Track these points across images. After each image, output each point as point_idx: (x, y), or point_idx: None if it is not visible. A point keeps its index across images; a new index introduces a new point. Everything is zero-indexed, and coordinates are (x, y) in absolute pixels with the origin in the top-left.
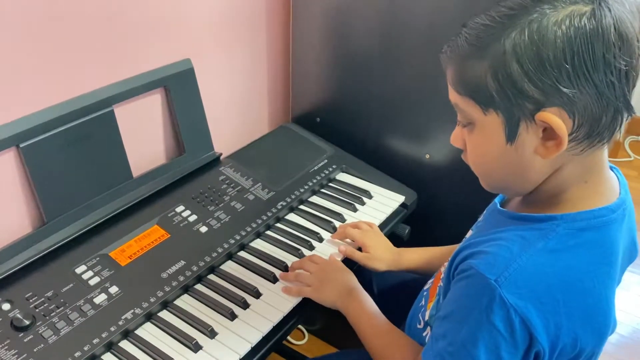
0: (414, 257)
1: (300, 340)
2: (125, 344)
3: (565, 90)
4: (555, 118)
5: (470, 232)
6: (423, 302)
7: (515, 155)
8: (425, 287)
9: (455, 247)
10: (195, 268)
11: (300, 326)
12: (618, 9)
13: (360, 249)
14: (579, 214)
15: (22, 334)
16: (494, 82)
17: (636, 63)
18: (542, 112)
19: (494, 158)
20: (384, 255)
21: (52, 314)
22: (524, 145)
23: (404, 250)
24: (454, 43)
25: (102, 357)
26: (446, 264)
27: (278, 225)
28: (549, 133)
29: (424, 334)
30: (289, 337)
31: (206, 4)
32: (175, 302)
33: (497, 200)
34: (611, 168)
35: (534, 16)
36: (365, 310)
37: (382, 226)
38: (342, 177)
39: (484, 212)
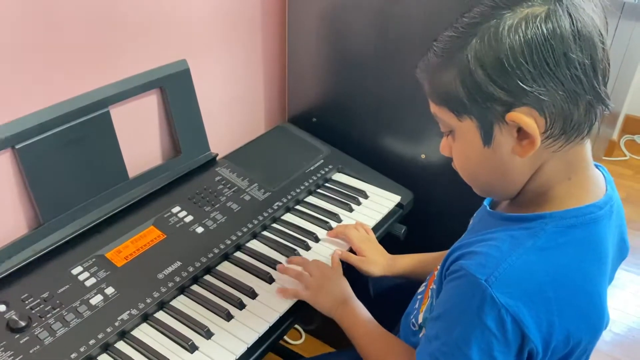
0: (408, 262)
1: (297, 340)
2: (121, 345)
3: (529, 89)
4: (524, 117)
5: (461, 238)
6: (417, 305)
7: (495, 157)
8: (419, 291)
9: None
10: (191, 269)
11: (296, 326)
12: (573, 6)
13: (354, 254)
14: (567, 212)
15: (18, 335)
16: (463, 89)
17: (602, 55)
18: (511, 113)
19: (476, 162)
20: (379, 260)
21: (48, 315)
22: (501, 147)
23: (398, 256)
24: (425, 58)
25: (99, 358)
26: (438, 267)
27: (274, 225)
28: (523, 132)
29: (419, 336)
30: (285, 337)
31: (202, 4)
32: (171, 303)
33: (486, 202)
34: (596, 166)
35: (492, 22)
36: (359, 318)
37: (378, 226)
38: (338, 177)
39: (474, 215)
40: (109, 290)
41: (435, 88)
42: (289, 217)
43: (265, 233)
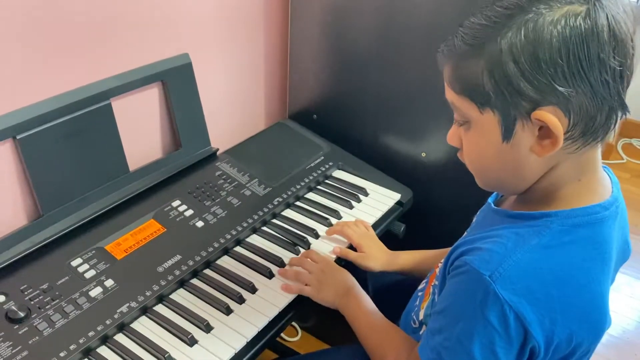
0: (408, 258)
1: (294, 337)
2: (120, 338)
3: (560, 89)
4: (551, 117)
5: (465, 235)
6: (417, 302)
7: (511, 154)
8: (420, 288)
9: (449, 250)
10: (191, 262)
11: (293, 323)
12: (612, 9)
13: (354, 250)
14: (573, 211)
15: (17, 326)
16: (490, 81)
17: (630, 63)
18: (538, 111)
19: (490, 156)
20: (379, 256)
21: (47, 307)
22: (519, 144)
23: (398, 252)
24: (450, 42)
25: (97, 350)
26: (440, 264)
27: (274, 221)
28: (544, 132)
29: (419, 333)
30: (282, 334)
31: None
32: (170, 296)
33: (490, 200)
34: (603, 168)
35: (530, 16)
36: (362, 309)
37: (377, 224)
38: (339, 174)
39: (478, 213)
40: (109, 283)
41: (458, 76)
42: (289, 213)
43: (265, 228)
